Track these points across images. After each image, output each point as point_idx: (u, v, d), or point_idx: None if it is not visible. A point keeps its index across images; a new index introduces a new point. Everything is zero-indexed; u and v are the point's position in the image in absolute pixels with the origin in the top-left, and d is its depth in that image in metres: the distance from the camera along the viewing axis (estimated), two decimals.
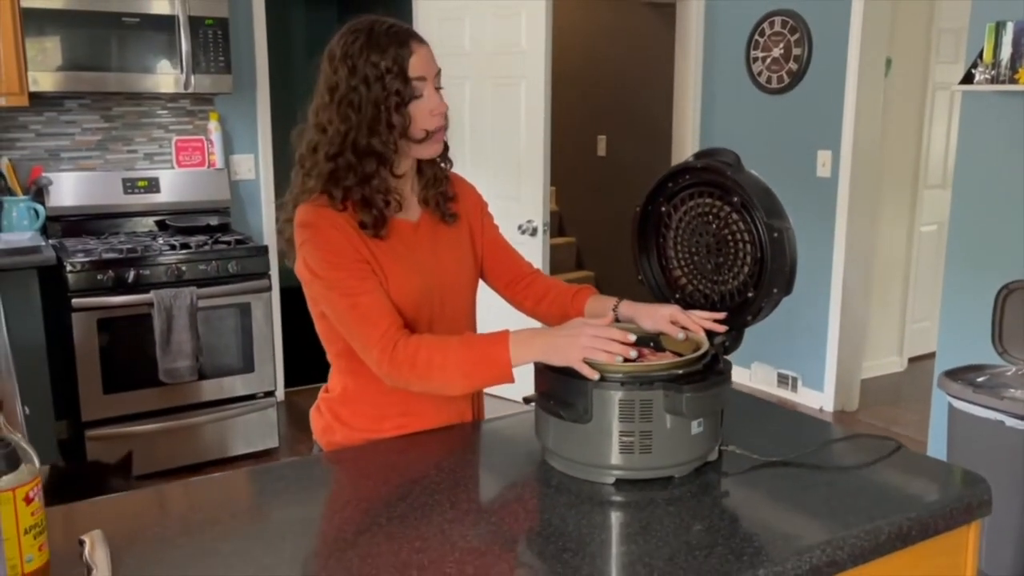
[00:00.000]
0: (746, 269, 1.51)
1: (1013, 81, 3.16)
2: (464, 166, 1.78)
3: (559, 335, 1.40)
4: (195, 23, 3.76)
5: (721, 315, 1.52)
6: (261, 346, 3.79)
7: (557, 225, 6.37)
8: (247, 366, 3.78)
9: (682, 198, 1.59)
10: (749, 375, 4.89)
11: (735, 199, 1.50)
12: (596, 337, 1.36)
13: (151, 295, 3.47)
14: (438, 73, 1.57)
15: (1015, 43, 3.14)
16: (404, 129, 1.52)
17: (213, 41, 3.81)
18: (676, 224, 1.62)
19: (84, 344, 3.43)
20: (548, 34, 4.18)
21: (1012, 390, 2.83)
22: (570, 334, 1.39)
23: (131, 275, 3.47)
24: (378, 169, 1.53)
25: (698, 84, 5.12)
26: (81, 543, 1.13)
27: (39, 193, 3.80)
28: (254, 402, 3.83)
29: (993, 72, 3.22)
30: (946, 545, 1.33)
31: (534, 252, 4.21)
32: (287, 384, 4.55)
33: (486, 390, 1.80)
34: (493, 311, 1.92)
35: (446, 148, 1.66)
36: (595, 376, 1.34)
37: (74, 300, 3.39)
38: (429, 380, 1.47)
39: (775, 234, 1.44)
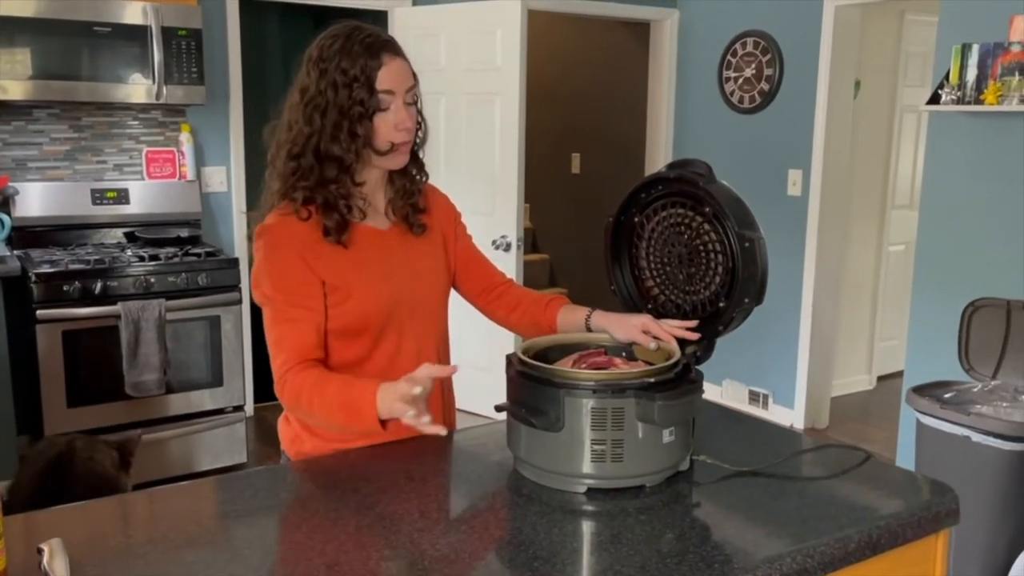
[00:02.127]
0: (718, 279, 1.52)
1: (978, 102, 3.23)
2: (438, 181, 1.78)
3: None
4: (167, 33, 3.73)
5: (693, 323, 1.53)
6: (230, 360, 3.74)
7: (531, 242, 6.38)
8: (216, 380, 3.73)
9: (655, 208, 1.60)
10: (720, 392, 4.91)
11: (707, 209, 1.50)
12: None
13: (118, 307, 3.42)
14: (411, 88, 1.55)
15: (980, 65, 3.21)
16: (367, 139, 1.52)
17: (186, 52, 3.78)
18: (649, 234, 1.62)
19: (48, 356, 3.36)
20: (523, 51, 4.20)
21: (978, 406, 2.86)
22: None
23: (98, 287, 3.42)
24: (338, 175, 1.53)
25: (671, 103, 5.17)
26: (40, 551, 1.10)
27: (5, 203, 3.74)
28: (222, 417, 3.77)
29: (959, 93, 3.28)
30: (915, 554, 1.34)
31: (508, 268, 4.21)
32: (256, 399, 4.49)
33: (457, 405, 1.80)
34: (468, 321, 1.92)
35: (420, 161, 1.66)
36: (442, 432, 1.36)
37: (39, 312, 3.33)
38: (311, 417, 1.53)
39: (746, 243, 1.45)
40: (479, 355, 4.06)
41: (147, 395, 3.52)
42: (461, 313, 1.83)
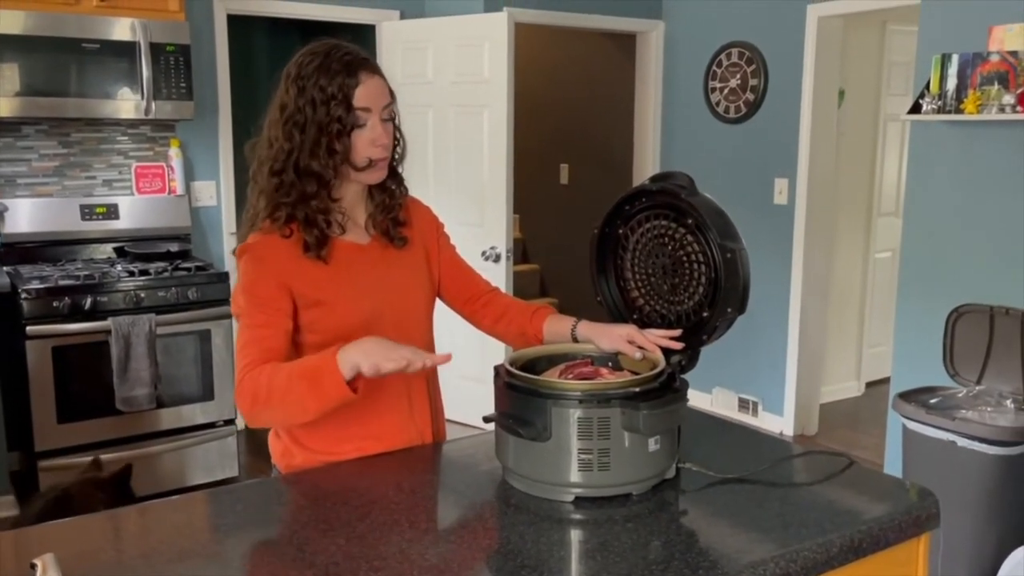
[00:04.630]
0: (701, 289, 1.54)
1: (959, 111, 3.27)
2: (427, 193, 1.80)
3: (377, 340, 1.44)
4: (156, 49, 3.75)
5: (677, 332, 1.55)
6: (221, 373, 3.75)
7: (521, 252, 6.41)
8: (207, 394, 3.74)
9: (639, 220, 1.62)
10: (711, 400, 4.94)
11: (689, 221, 1.53)
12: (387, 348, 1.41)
13: (108, 322, 3.42)
14: (387, 105, 1.58)
15: (960, 74, 3.25)
16: (345, 155, 1.55)
17: (175, 67, 3.80)
18: (633, 246, 1.65)
19: (38, 372, 3.36)
20: (510, 64, 4.23)
21: (963, 411, 2.89)
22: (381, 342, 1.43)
23: (88, 302, 3.42)
24: (318, 190, 1.56)
25: (658, 114, 5.21)
26: (33, 567, 1.11)
27: None
28: (214, 431, 3.78)
29: (939, 102, 3.32)
30: (896, 557, 1.36)
31: (497, 279, 4.22)
32: None
33: (448, 415, 1.81)
34: (461, 332, 1.93)
35: (399, 176, 1.68)
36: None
37: (28, 327, 3.33)
38: (271, 411, 1.49)
39: (728, 254, 1.48)
40: (471, 366, 4.07)
41: (138, 410, 3.53)
42: (454, 324, 1.84)
